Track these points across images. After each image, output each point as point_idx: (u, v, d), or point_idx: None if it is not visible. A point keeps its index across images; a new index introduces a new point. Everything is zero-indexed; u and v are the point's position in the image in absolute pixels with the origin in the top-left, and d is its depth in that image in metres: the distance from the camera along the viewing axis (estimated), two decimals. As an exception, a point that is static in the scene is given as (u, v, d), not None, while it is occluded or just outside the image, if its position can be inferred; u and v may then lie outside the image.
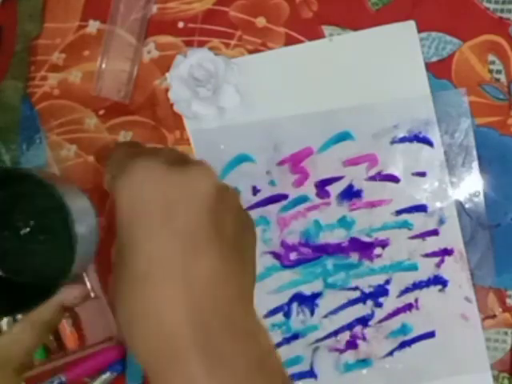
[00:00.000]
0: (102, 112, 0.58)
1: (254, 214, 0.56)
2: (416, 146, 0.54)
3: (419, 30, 0.54)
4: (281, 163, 0.56)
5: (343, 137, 0.55)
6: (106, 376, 0.56)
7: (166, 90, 0.57)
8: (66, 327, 0.56)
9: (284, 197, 0.56)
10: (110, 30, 0.57)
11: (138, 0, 0.57)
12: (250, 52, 0.56)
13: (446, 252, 0.54)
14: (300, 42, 0.56)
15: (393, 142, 0.55)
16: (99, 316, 0.57)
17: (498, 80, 0.54)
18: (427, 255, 0.55)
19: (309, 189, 0.56)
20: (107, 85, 0.57)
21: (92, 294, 0.57)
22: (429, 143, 0.54)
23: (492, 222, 0.53)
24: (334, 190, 0.55)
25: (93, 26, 0.58)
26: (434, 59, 0.54)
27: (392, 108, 0.54)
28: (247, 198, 0.56)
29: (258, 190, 0.56)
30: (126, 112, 0.58)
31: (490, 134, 0.53)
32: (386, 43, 0.55)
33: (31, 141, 0.58)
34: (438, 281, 0.55)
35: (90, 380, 0.57)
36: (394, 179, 0.55)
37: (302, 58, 0.56)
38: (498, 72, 0.54)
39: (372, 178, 0.55)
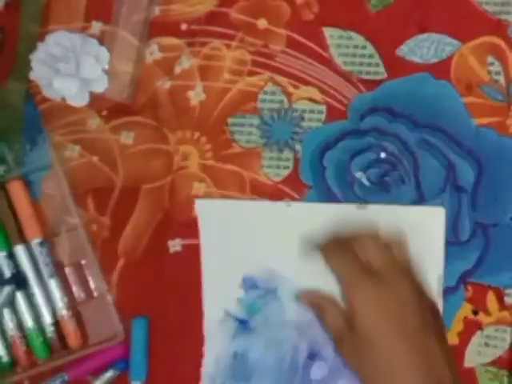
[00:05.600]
0: (104, 112, 0.58)
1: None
2: None
3: (419, 31, 0.55)
4: None
5: None
6: (109, 374, 0.56)
7: (169, 91, 0.57)
8: (69, 326, 0.56)
9: None
10: (112, 31, 0.58)
11: (140, 1, 0.57)
12: (251, 53, 0.57)
13: None
14: (301, 43, 0.56)
15: None
16: (102, 315, 0.57)
17: (496, 81, 0.54)
18: None
19: None
20: (110, 86, 0.58)
21: (95, 294, 0.58)
22: None
23: (491, 222, 0.54)
24: None
25: (96, 27, 0.58)
26: (434, 60, 0.55)
27: None
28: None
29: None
30: (128, 112, 0.58)
31: (489, 135, 0.54)
32: (413, 223, 0.53)
33: (34, 141, 0.58)
34: None
35: (93, 378, 0.57)
36: None
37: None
38: (497, 73, 0.54)
39: None
